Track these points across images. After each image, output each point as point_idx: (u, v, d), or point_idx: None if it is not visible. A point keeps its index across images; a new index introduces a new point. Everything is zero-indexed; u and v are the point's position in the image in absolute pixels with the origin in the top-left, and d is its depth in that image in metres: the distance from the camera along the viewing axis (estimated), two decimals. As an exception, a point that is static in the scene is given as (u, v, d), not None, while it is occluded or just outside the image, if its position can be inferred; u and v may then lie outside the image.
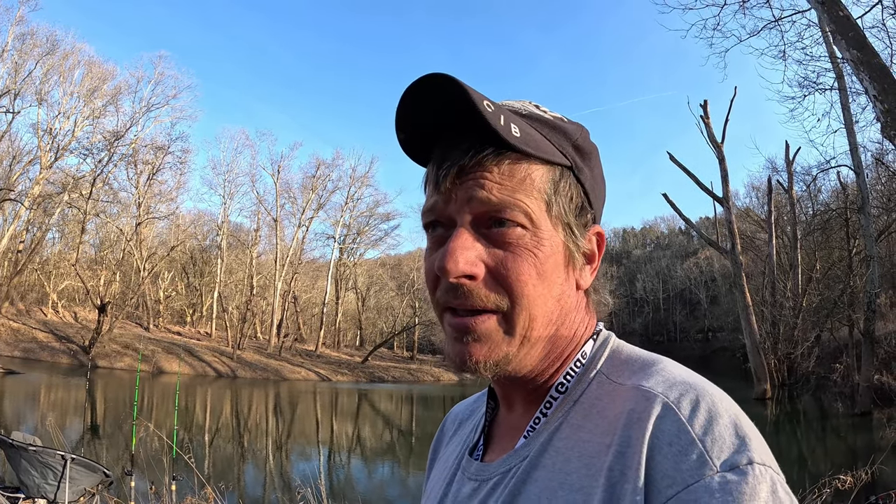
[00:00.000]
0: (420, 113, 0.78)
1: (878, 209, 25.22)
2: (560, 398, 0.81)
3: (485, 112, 0.71)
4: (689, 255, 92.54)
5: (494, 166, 0.76)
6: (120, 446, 13.25)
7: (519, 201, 0.75)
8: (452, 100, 0.73)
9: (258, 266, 54.43)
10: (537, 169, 0.78)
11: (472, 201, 0.76)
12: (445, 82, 0.72)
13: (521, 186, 0.76)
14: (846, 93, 19.96)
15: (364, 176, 57.68)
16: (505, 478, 0.79)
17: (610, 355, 0.83)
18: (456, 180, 0.77)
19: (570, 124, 0.84)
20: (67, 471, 6.80)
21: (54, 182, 40.73)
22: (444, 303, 0.79)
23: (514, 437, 0.86)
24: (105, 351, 34.72)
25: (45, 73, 38.87)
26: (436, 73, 0.72)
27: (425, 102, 0.76)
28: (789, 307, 27.19)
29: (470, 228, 0.77)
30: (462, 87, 0.71)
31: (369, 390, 38.71)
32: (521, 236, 0.76)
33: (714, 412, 0.66)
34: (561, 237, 0.80)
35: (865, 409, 19.28)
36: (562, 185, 0.80)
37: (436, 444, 1.12)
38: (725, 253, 27.40)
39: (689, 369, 0.76)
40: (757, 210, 47.73)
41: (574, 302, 0.84)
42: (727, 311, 63.05)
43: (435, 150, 0.81)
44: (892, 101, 9.06)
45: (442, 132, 0.80)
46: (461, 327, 0.77)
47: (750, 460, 0.62)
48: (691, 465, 0.62)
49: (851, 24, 9.85)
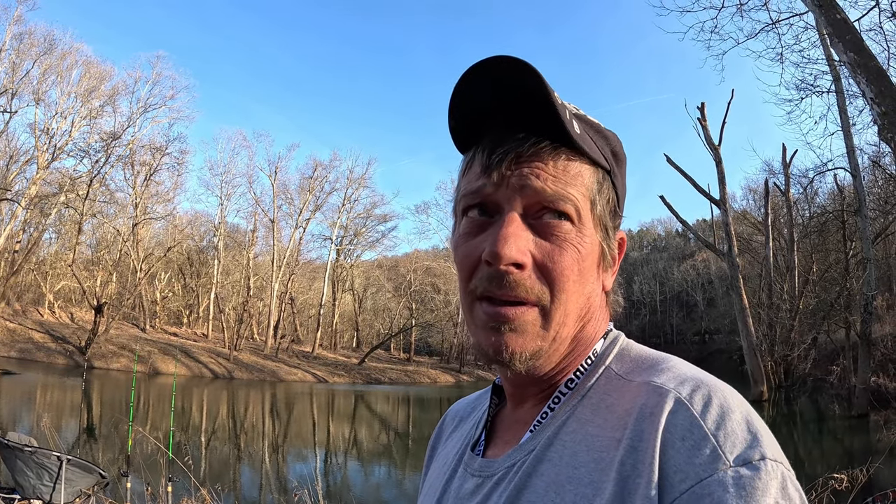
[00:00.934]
0: (482, 92, 0.76)
1: (874, 212, 25.24)
2: (568, 393, 0.81)
3: (556, 103, 0.71)
4: (686, 258, 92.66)
5: (551, 159, 0.76)
6: (116, 447, 13.23)
7: (572, 195, 0.76)
8: (521, 85, 0.73)
9: (255, 267, 54.43)
10: (587, 168, 0.78)
11: (526, 189, 0.75)
12: (521, 66, 0.71)
13: (574, 181, 0.77)
14: (843, 95, 20.00)
15: (361, 177, 57.76)
16: (509, 472, 0.79)
17: (619, 353, 0.84)
18: (512, 166, 0.76)
19: (608, 131, 0.86)
20: (63, 472, 6.78)
21: (51, 182, 40.75)
22: (482, 291, 0.77)
23: (518, 431, 0.85)
24: (101, 352, 34.65)
25: (43, 72, 38.92)
26: (509, 56, 0.71)
27: (490, 81, 0.75)
28: (786, 309, 27.25)
29: (520, 217, 0.76)
30: (539, 75, 0.71)
31: (366, 392, 38.70)
32: (568, 231, 0.76)
33: (726, 408, 0.66)
34: (599, 237, 0.80)
35: (862, 412, 19.31)
36: (604, 187, 0.81)
37: (434, 440, 1.12)
38: (722, 255, 27.44)
39: (698, 367, 0.76)
40: (754, 212, 47.93)
41: (599, 301, 0.85)
42: (724, 313, 63.06)
43: (485, 135, 0.80)
44: (890, 103, 9.07)
45: (495, 117, 0.79)
46: (500, 316, 0.75)
47: (762, 456, 0.63)
48: (704, 460, 0.62)
49: (849, 26, 9.87)
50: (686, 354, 24.54)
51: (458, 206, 0.83)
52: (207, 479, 10.12)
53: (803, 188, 29.62)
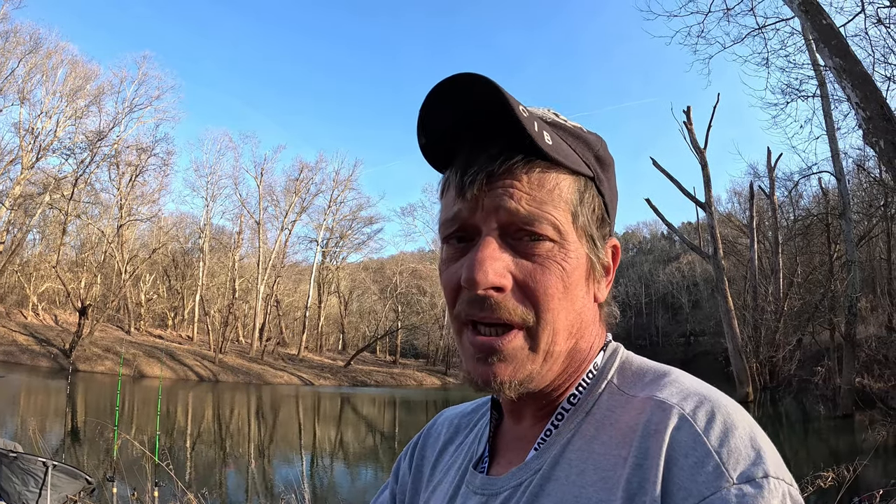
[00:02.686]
0: (446, 114, 0.75)
1: (858, 214, 25.47)
2: (571, 409, 0.79)
3: (521, 116, 0.69)
4: (672, 260, 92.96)
5: (524, 174, 0.73)
6: (101, 452, 13.09)
7: (548, 213, 0.73)
8: (484, 101, 0.71)
9: (240, 269, 54.23)
10: (565, 179, 0.76)
11: (501, 210, 0.73)
12: (480, 82, 0.69)
13: (550, 197, 0.74)
14: (828, 100, 20.18)
15: (347, 179, 57.79)
16: (516, 492, 0.77)
17: (620, 366, 0.82)
18: (484, 187, 0.74)
19: (590, 134, 0.83)
20: (49, 478, 6.70)
21: (36, 182, 40.40)
22: (466, 316, 0.76)
23: (521, 449, 0.84)
24: (86, 354, 34.39)
25: (28, 71, 38.60)
26: (469, 73, 0.69)
27: (453, 102, 0.73)
28: (771, 311, 27.41)
29: (497, 238, 0.74)
30: (499, 88, 0.68)
31: (352, 394, 38.65)
32: (549, 249, 0.74)
33: (730, 424, 0.66)
34: (585, 249, 0.78)
35: (847, 412, 19.50)
36: (586, 197, 0.78)
37: (420, 445, 1.07)
38: (708, 257, 27.58)
39: (700, 380, 0.75)
40: (739, 215, 48.19)
41: (592, 314, 0.83)
42: (709, 315, 63.41)
43: (459, 155, 0.78)
44: (874, 108, 9.13)
45: (465, 137, 0.78)
46: (486, 347, 0.74)
47: (765, 473, 0.62)
48: (708, 477, 0.62)
49: (834, 32, 9.93)
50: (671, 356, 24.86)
51: (440, 231, 0.81)
52: (194, 483, 10.05)
53: (788, 191, 29.88)
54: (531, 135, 0.69)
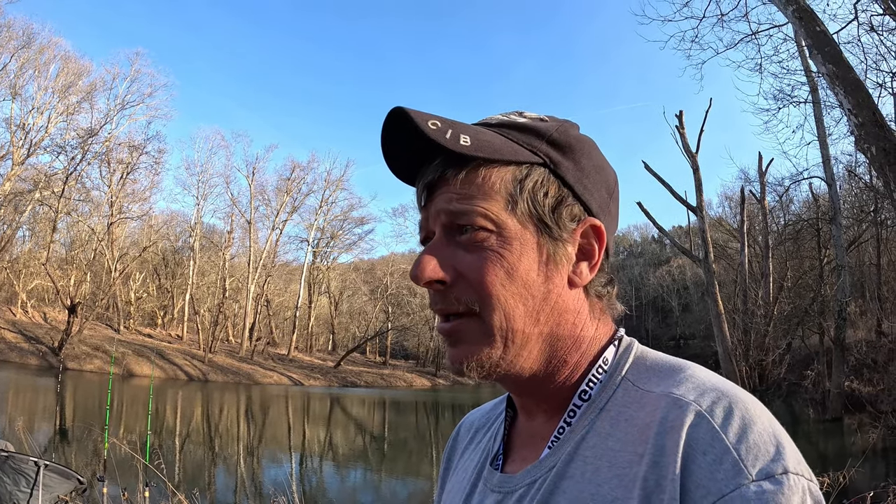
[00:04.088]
0: (396, 143, 0.82)
1: (849, 220, 25.65)
2: (584, 406, 0.80)
3: (427, 130, 0.74)
4: (662, 264, 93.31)
5: (454, 178, 0.79)
6: (91, 451, 13.04)
7: (476, 206, 0.78)
8: (409, 127, 0.76)
9: (231, 269, 54.03)
10: (496, 171, 0.79)
11: (441, 213, 0.80)
12: (400, 114, 0.77)
13: (479, 191, 0.78)
14: (820, 106, 20.32)
15: (339, 179, 57.69)
16: (531, 490, 0.78)
17: (634, 361, 0.82)
18: (430, 197, 0.82)
19: (548, 122, 0.84)
20: (41, 478, 6.67)
21: (26, 179, 40.13)
22: (431, 309, 0.83)
23: (535, 445, 0.84)
24: (75, 352, 34.17)
25: (20, 66, 38.40)
26: (393, 108, 0.77)
27: (396, 135, 0.81)
28: (761, 315, 27.48)
29: (444, 238, 0.80)
30: (407, 113, 0.75)
31: (342, 395, 38.59)
32: (484, 238, 0.78)
33: (748, 420, 0.66)
34: (532, 234, 0.80)
35: (836, 415, 19.59)
36: (527, 183, 0.80)
37: (449, 452, 1.10)
38: (698, 261, 27.61)
39: (718, 375, 0.75)
40: (730, 220, 48.37)
41: (571, 301, 0.82)
42: (699, 318, 63.61)
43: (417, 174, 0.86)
44: (866, 115, 9.19)
45: (417, 159, 0.84)
46: (444, 331, 0.81)
47: (785, 469, 0.62)
48: (726, 475, 0.62)
49: (828, 39, 9.99)
50: (663, 360, 25.03)
51: (419, 240, 0.88)
52: (184, 483, 10.04)
53: (779, 196, 30.04)
54: (440, 142, 0.75)
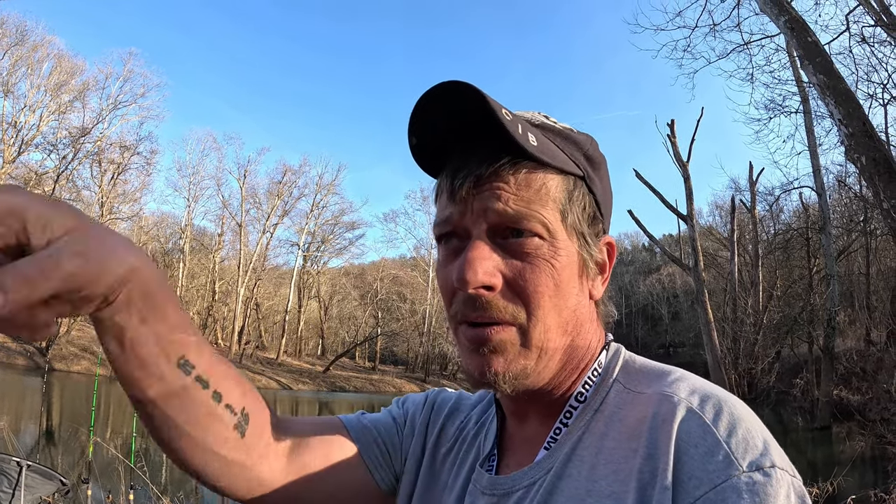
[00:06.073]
0: (435, 119, 0.77)
1: (838, 229, 25.82)
2: (580, 407, 0.81)
3: (504, 120, 0.70)
4: (652, 272, 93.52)
5: (511, 176, 0.75)
6: (76, 453, 12.93)
7: (535, 212, 0.75)
8: (470, 107, 0.73)
9: (221, 271, 53.90)
10: (552, 178, 0.77)
11: (489, 212, 0.75)
12: (464, 89, 0.72)
13: (537, 196, 0.76)
14: (811, 116, 20.48)
15: (330, 184, 57.63)
16: (530, 491, 0.78)
17: (623, 365, 0.84)
18: (473, 190, 0.76)
19: (580, 135, 0.85)
20: (23, 478, 6.60)
21: (17, 177, 39.81)
22: (461, 316, 0.78)
23: (529, 449, 0.85)
24: (62, 353, 33.99)
25: (13, 64, 38.16)
26: (454, 81, 0.72)
27: (441, 108, 0.76)
28: (750, 323, 27.61)
29: (486, 239, 0.76)
30: (482, 94, 0.71)
31: (330, 400, 38.48)
32: (538, 247, 0.76)
33: (736, 417, 0.67)
34: (576, 247, 0.80)
35: (825, 424, 19.72)
36: (576, 195, 0.80)
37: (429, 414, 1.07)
38: (688, 270, 27.69)
39: (704, 379, 0.76)
40: (720, 228, 48.53)
41: (588, 312, 0.84)
42: (689, 326, 63.83)
43: (449, 160, 0.81)
44: (857, 125, 9.26)
45: (454, 142, 0.80)
46: (478, 339, 0.76)
47: (773, 463, 0.64)
48: (718, 466, 0.63)
49: (819, 49, 10.06)
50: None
51: (434, 231, 0.84)
52: (169, 486, 9.96)
53: (769, 205, 30.22)
54: (514, 137, 0.71)
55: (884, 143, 10.09)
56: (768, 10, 11.01)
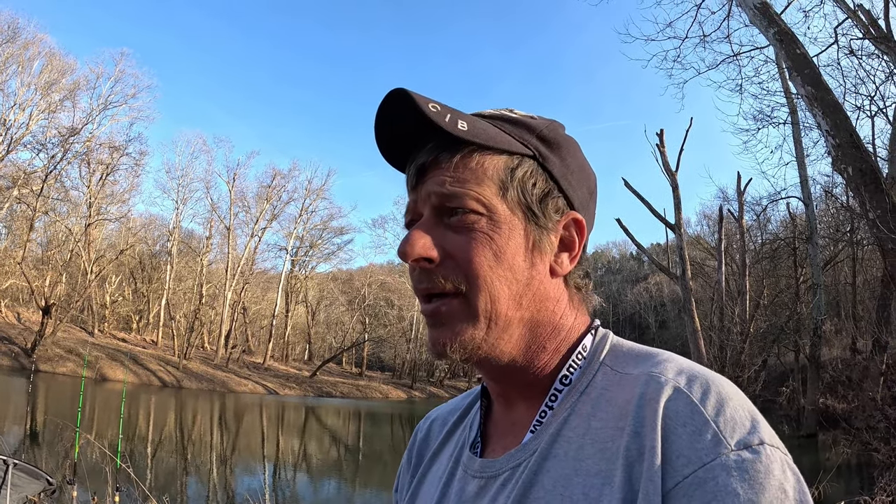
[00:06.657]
0: (390, 126, 0.84)
1: (825, 239, 25.99)
2: (565, 390, 0.82)
3: (429, 112, 0.76)
4: (640, 280, 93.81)
5: (447, 161, 0.81)
6: (61, 454, 12.84)
7: (470, 190, 0.80)
8: (405, 110, 0.79)
9: (208, 275, 53.58)
10: (491, 159, 0.82)
11: (432, 195, 0.81)
12: (397, 94, 0.78)
13: (473, 176, 0.80)
14: (799, 127, 20.60)
15: (320, 189, 57.55)
16: (515, 472, 0.79)
17: (611, 348, 0.85)
18: (421, 179, 0.83)
19: (539, 120, 0.88)
20: (9, 477, 6.54)
21: (4, 176, 39.59)
22: (414, 289, 0.84)
23: (516, 433, 0.86)
24: (48, 354, 33.63)
25: (4, 61, 37.94)
26: (393, 89, 0.79)
27: (392, 116, 0.82)
28: (737, 332, 27.66)
29: (433, 219, 0.82)
30: (409, 94, 0.77)
31: (317, 405, 38.37)
32: (475, 221, 0.80)
33: (724, 396, 0.68)
34: (519, 221, 0.82)
35: (811, 431, 19.84)
36: (519, 172, 0.83)
37: (420, 446, 1.08)
38: (675, 278, 27.78)
39: (692, 361, 0.78)
40: (707, 238, 48.76)
41: (552, 289, 0.85)
42: (676, 335, 63.96)
43: (410, 157, 0.88)
44: (844, 136, 9.34)
45: (413, 145, 0.86)
46: (427, 312, 0.82)
47: (761, 440, 0.65)
48: (707, 444, 0.64)
49: (808, 61, 10.15)
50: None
51: (405, 222, 0.89)
52: (155, 489, 9.91)
53: (756, 215, 30.30)
54: (440, 125, 0.76)
55: (870, 154, 10.18)
56: (758, 22, 11.10)
